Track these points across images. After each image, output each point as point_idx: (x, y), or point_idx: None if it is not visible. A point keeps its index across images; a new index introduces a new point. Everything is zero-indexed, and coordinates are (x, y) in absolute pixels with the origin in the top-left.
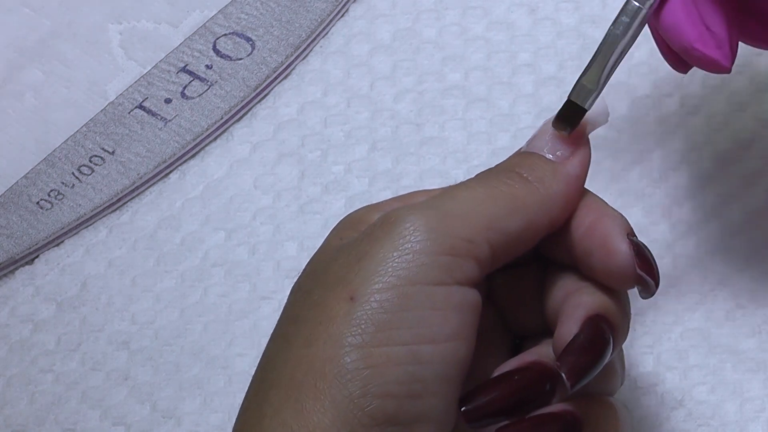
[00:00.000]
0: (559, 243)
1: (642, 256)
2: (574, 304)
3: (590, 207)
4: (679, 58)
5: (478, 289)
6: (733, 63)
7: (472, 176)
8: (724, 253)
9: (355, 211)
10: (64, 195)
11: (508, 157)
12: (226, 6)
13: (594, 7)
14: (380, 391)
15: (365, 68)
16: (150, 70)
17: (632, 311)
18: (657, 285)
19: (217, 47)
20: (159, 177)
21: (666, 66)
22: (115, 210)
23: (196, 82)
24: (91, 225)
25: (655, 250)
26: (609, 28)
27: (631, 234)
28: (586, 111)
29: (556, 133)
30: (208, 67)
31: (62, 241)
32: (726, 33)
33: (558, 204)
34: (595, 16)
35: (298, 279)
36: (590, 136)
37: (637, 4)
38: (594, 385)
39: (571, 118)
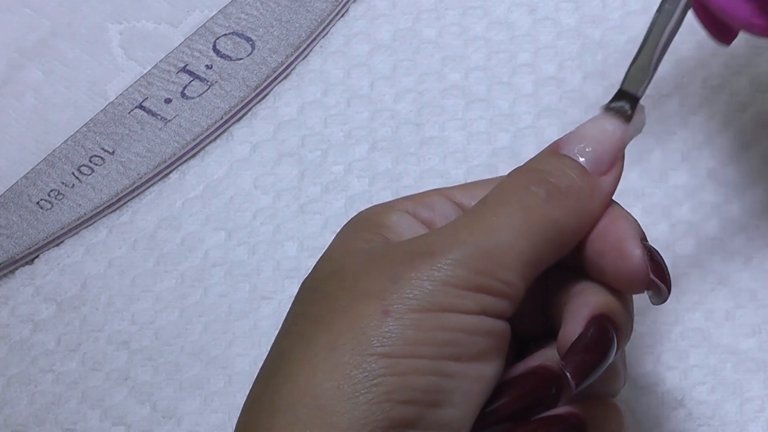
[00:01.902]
0: None
1: (655, 261)
2: (579, 303)
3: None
4: (721, 30)
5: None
6: None
7: (503, 178)
8: (724, 253)
9: (369, 210)
10: (64, 195)
11: (540, 152)
12: (226, 6)
13: (594, 7)
14: (403, 398)
15: (365, 68)
16: (150, 70)
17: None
18: (669, 291)
19: (217, 47)
20: (159, 177)
21: (666, 66)
22: (115, 210)
23: (196, 82)
24: (91, 225)
25: None
26: (654, 15)
27: (644, 238)
28: (638, 99)
29: (596, 137)
30: (208, 67)
31: (62, 241)
32: None
33: (591, 224)
34: (595, 16)
35: (314, 275)
36: None
37: None
38: (597, 386)
39: (623, 109)
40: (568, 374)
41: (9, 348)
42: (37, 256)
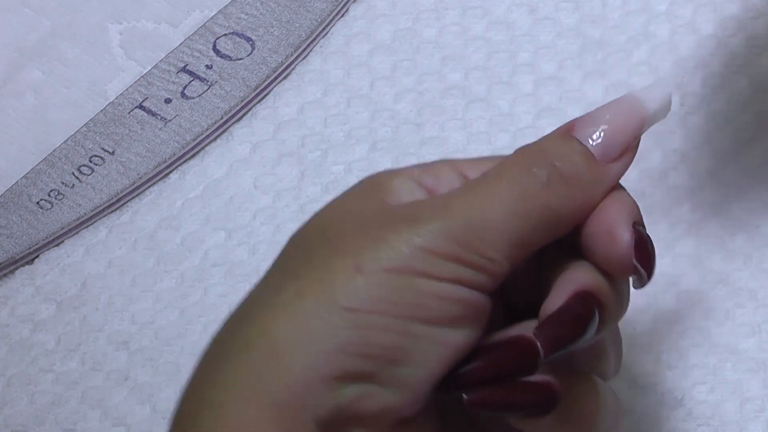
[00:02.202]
0: None
1: (641, 247)
2: (567, 279)
3: None
4: None
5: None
6: None
7: (505, 157)
8: (724, 253)
9: (378, 173)
10: (64, 195)
11: (554, 131)
12: (226, 6)
13: (594, 7)
14: (360, 352)
15: (365, 68)
16: (150, 70)
17: (632, 310)
18: (649, 277)
19: (217, 47)
20: (159, 177)
21: (666, 65)
22: (115, 210)
23: (196, 82)
24: (91, 225)
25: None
26: None
27: (638, 222)
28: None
29: (613, 121)
30: (208, 67)
31: (62, 241)
32: None
33: (590, 210)
34: (595, 16)
35: (302, 230)
36: None
37: None
38: (582, 363)
39: None
40: (539, 343)
41: (9, 348)
42: (37, 256)
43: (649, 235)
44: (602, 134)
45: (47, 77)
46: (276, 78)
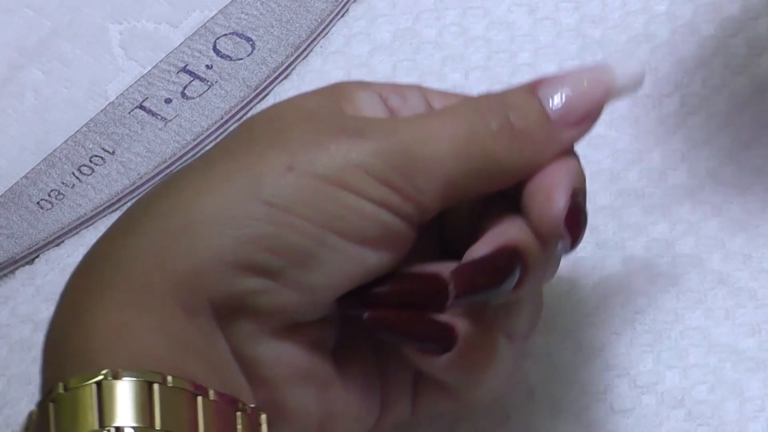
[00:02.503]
0: None
1: (573, 214)
2: (498, 230)
3: None
4: None
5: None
6: None
7: (464, 97)
8: (723, 253)
9: (348, 82)
10: (64, 195)
11: (521, 85)
12: (226, 6)
13: (594, 7)
14: (271, 246)
15: (365, 68)
16: (150, 70)
17: (631, 310)
18: (573, 245)
19: (217, 47)
20: (159, 177)
21: (666, 65)
22: (115, 210)
23: (196, 82)
24: (91, 225)
25: (655, 250)
26: None
27: (578, 191)
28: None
29: (578, 86)
30: (208, 67)
31: (63, 241)
32: None
33: (534, 171)
34: (595, 16)
35: (256, 116)
36: (587, 137)
37: None
38: (492, 317)
39: None
40: (451, 284)
41: (9, 348)
42: (37, 256)
43: (585, 208)
44: (564, 97)
45: (47, 77)
46: (276, 78)
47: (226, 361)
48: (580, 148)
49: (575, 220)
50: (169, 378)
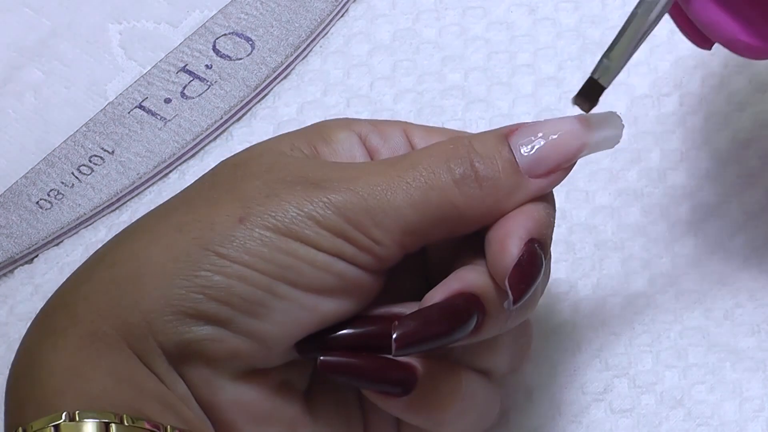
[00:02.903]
0: None
1: (522, 268)
2: (457, 275)
3: None
4: (702, 36)
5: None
6: None
7: (445, 139)
8: (723, 253)
9: (332, 121)
10: (63, 195)
11: (495, 130)
12: (226, 6)
13: (594, 7)
14: (219, 296)
15: (365, 68)
16: (150, 69)
17: (630, 310)
18: (515, 302)
19: (217, 47)
20: (159, 177)
21: (665, 65)
22: (115, 210)
23: (195, 82)
24: (90, 225)
25: (654, 250)
26: (634, 9)
27: (537, 240)
28: (604, 89)
29: (552, 137)
30: (207, 67)
31: (62, 241)
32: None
33: (496, 218)
34: (595, 16)
35: (226, 160)
36: None
37: None
38: (468, 354)
39: (591, 96)
40: (394, 334)
41: (8, 346)
42: (36, 256)
43: (542, 255)
44: (536, 148)
45: (47, 77)
46: (276, 78)
47: (186, 400)
48: None
49: (523, 275)
50: (125, 417)
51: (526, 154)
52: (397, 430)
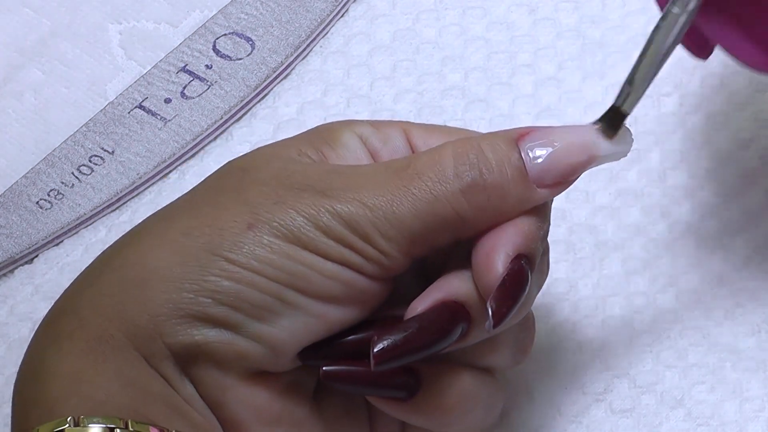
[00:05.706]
0: None
1: (506, 286)
2: (439, 285)
3: None
4: (698, 45)
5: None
6: None
7: (451, 141)
8: (723, 253)
9: (336, 123)
10: (63, 195)
11: (505, 132)
12: (226, 6)
13: (594, 7)
14: (228, 301)
15: (365, 68)
16: (150, 70)
17: (630, 310)
18: (495, 325)
19: (217, 47)
20: (159, 177)
21: (666, 65)
22: (115, 210)
23: (195, 82)
24: (90, 225)
25: (654, 250)
26: (651, 34)
27: (525, 255)
28: (627, 115)
29: (564, 146)
30: (207, 67)
31: (62, 241)
32: None
33: (499, 224)
34: (595, 16)
35: (234, 162)
36: None
37: (677, 10)
38: (469, 354)
39: (614, 123)
40: (372, 350)
41: (8, 347)
42: (36, 256)
43: (528, 272)
44: (546, 156)
45: (47, 77)
46: (276, 78)
47: (193, 402)
48: None
49: (507, 294)
50: (130, 423)
51: (536, 161)
52: (402, 429)
